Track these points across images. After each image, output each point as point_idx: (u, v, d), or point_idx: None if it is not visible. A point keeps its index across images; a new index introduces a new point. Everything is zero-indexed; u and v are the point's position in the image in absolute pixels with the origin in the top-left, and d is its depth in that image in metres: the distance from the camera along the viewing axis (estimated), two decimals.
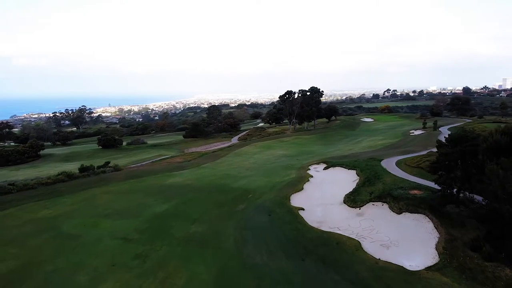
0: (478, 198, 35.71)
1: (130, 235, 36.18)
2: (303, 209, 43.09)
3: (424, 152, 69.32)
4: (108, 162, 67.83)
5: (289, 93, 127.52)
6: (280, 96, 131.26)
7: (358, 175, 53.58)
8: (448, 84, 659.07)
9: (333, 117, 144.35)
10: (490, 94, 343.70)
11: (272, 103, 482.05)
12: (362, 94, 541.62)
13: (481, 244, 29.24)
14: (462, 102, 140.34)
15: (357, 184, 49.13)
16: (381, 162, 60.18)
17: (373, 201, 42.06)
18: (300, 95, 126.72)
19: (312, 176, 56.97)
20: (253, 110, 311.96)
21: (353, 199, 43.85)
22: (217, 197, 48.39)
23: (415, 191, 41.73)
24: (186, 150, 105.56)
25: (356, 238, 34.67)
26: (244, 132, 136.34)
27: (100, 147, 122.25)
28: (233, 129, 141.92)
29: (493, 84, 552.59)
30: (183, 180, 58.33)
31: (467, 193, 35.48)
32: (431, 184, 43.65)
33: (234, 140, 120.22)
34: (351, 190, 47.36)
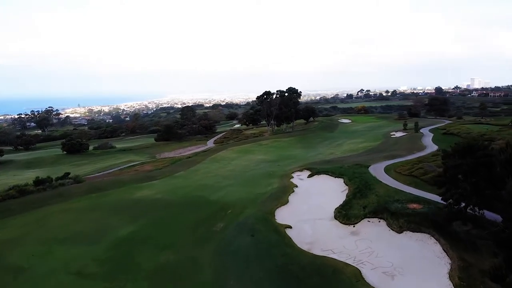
0: (489, 214, 31.88)
1: (87, 268, 30.13)
2: (290, 227, 38.18)
3: (411, 157, 66.17)
4: (68, 173, 60.63)
5: (267, 93, 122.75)
6: (257, 96, 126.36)
7: (346, 184, 49.21)
8: (418, 84, 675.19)
9: (311, 118, 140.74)
10: (461, 94, 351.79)
11: (248, 103, 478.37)
12: (336, 94, 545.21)
13: (504, 274, 25.08)
14: (440, 103, 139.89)
15: (347, 196, 44.66)
16: (369, 169, 56.22)
17: (369, 217, 37.59)
18: (278, 95, 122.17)
19: (296, 186, 52.14)
20: (229, 111, 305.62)
21: (345, 214, 39.25)
22: (192, 213, 42.73)
23: (414, 205, 37.57)
24: (158, 155, 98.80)
25: (354, 264, 30.01)
26: (220, 135, 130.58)
27: (65, 152, 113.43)
28: (209, 131, 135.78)
29: (462, 83, 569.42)
30: (153, 193, 52.20)
31: (477, 209, 31.47)
32: (430, 196, 39.88)
33: (210, 143, 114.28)
34: (341, 202, 42.83)
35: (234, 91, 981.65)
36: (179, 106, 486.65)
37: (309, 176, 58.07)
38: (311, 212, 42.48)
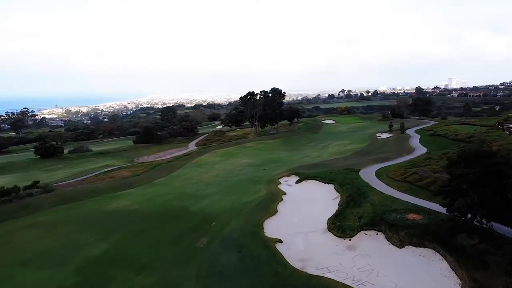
0: (498, 226, 29.44)
1: None
2: (280, 241, 34.98)
3: (401, 160, 64.11)
4: (37, 182, 55.68)
5: (251, 94, 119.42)
6: (241, 97, 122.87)
7: (338, 191, 46.37)
8: (397, 84, 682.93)
9: (295, 119, 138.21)
10: (441, 94, 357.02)
11: (230, 103, 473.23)
12: (318, 95, 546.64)
13: None
14: (424, 103, 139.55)
15: (340, 204, 41.76)
16: (360, 174, 53.66)
17: (365, 229, 34.71)
18: (262, 96, 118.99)
19: (285, 193, 48.95)
20: (211, 111, 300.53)
21: (339, 226, 36.27)
22: (172, 227, 38.95)
23: (413, 215, 34.91)
24: (136, 159, 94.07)
25: (354, 285, 27.07)
26: (203, 137, 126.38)
27: (38, 156, 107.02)
28: (190, 133, 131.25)
29: (440, 84, 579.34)
30: (129, 203, 48.06)
31: (484, 221, 28.94)
32: (428, 205, 37.36)
33: (192, 145, 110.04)
34: (334, 212, 39.90)
35: (216, 91, 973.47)
36: (160, 106, 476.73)
37: (298, 181, 55.05)
38: (302, 223, 39.37)
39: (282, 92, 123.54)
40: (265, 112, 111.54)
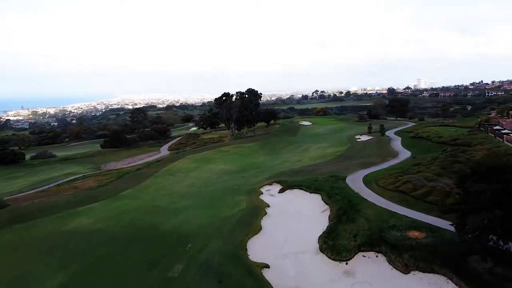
0: None
1: None
2: (267, 266, 30.50)
3: (386, 165, 61.17)
4: None
5: (226, 95, 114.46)
6: (216, 98, 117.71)
7: (326, 203, 42.42)
8: (368, 85, 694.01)
9: (272, 121, 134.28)
10: (413, 94, 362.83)
11: (204, 103, 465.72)
12: (292, 95, 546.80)
13: None
14: (401, 104, 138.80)
15: (330, 219, 37.74)
16: (347, 181, 50.10)
17: (363, 250, 30.71)
18: (238, 98, 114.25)
19: (268, 206, 44.47)
20: (184, 112, 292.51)
21: (333, 246, 32.11)
22: (141, 251, 33.67)
23: (415, 233, 31.26)
24: (104, 166, 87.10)
25: None
26: (176, 140, 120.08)
27: None
28: (162, 136, 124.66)
29: (409, 84, 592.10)
30: (92, 221, 42.23)
31: (501, 242, 25.48)
32: (428, 219, 33.94)
33: (164, 150, 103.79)
34: (324, 228, 35.78)
35: (189, 91, 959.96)
36: (130, 107, 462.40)
37: (281, 191, 50.75)
38: (290, 242, 34.99)
39: (259, 93, 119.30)
40: (241, 114, 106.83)
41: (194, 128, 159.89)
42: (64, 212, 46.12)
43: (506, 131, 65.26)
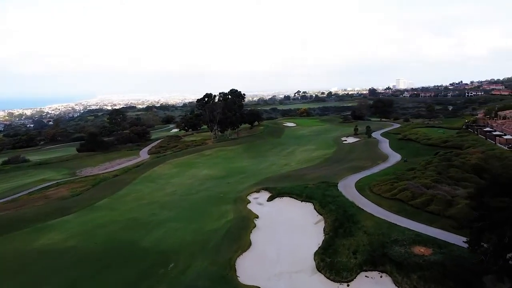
0: None
1: None
2: None
3: (377, 169, 58.91)
4: None
5: (208, 96, 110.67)
6: (198, 99, 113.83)
7: (319, 213, 39.52)
8: (348, 85, 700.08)
9: (256, 123, 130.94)
10: (394, 94, 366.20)
11: (185, 104, 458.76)
12: (274, 95, 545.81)
13: None
14: (385, 105, 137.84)
15: (326, 232, 34.76)
16: (339, 188, 47.35)
17: (366, 270, 27.76)
18: (221, 99, 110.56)
19: (257, 217, 41.14)
20: (164, 113, 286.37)
21: (331, 265, 29.04)
22: (118, 273, 29.87)
23: (421, 249, 28.58)
24: (79, 172, 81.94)
25: None
26: (156, 143, 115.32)
27: None
28: (142, 139, 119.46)
29: (388, 84, 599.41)
30: (64, 237, 38.06)
31: None
32: (433, 232, 31.37)
33: (143, 153, 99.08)
34: (320, 243, 32.78)
35: (170, 92, 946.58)
36: (109, 108, 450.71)
37: (269, 199, 47.56)
38: (283, 259, 31.74)
39: (242, 94, 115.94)
40: (225, 115, 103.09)
41: (175, 130, 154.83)
42: (33, 226, 41.69)
43: (497, 133, 63.99)
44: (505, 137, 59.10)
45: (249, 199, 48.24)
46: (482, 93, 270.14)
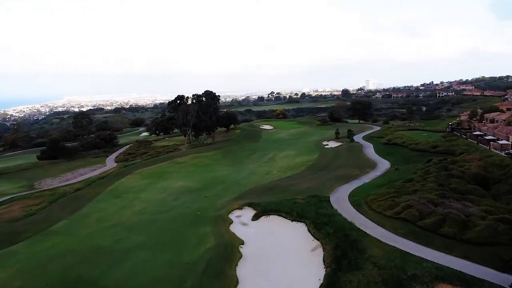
0: None
1: None
2: None
3: (367, 178, 54.66)
4: None
5: (181, 98, 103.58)
6: (169, 102, 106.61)
7: (315, 237, 34.15)
8: (319, 86, 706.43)
9: (232, 126, 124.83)
10: (366, 95, 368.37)
11: (155, 105, 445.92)
12: (247, 96, 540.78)
13: None
14: (364, 107, 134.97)
15: (326, 263, 29.35)
16: (332, 203, 42.32)
17: None
18: (194, 101, 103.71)
19: (242, 243, 35.21)
20: (134, 115, 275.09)
21: None
22: None
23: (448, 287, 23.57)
24: (38, 184, 73.20)
25: None
26: (124, 148, 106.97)
27: None
28: (108, 145, 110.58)
29: (358, 85, 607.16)
30: (9, 274, 30.95)
31: None
32: (455, 263, 26.68)
33: (110, 161, 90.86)
34: (321, 278, 27.41)
35: (139, 92, 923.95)
36: (76, 110, 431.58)
37: (255, 218, 41.79)
38: None
39: (217, 95, 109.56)
40: (200, 119, 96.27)
41: (145, 134, 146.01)
42: None
43: (490, 137, 60.90)
44: (500, 142, 55.94)
45: (231, 218, 42.29)
46: (453, 93, 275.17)
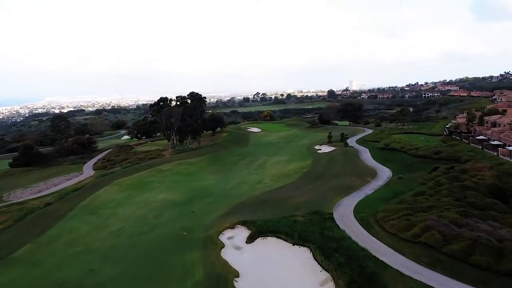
0: None
1: None
2: None
3: (369, 189, 50.13)
4: None
5: (164, 100, 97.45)
6: (151, 105, 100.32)
7: (323, 266, 29.22)
8: (303, 87, 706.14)
9: (219, 129, 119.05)
10: (352, 96, 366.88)
11: (138, 106, 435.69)
12: (232, 97, 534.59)
13: None
14: (354, 109, 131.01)
15: None
16: (337, 221, 37.44)
17: None
18: (179, 103, 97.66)
19: (237, 275, 29.87)
20: (115, 117, 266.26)
21: None
22: None
23: None
24: (7, 196, 66.10)
25: None
26: (103, 154, 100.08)
27: None
28: (87, 150, 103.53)
29: (341, 86, 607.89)
30: None
31: None
32: None
33: (88, 169, 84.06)
34: None
35: (122, 93, 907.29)
36: (57, 111, 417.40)
37: (249, 240, 36.47)
38: None
39: (203, 97, 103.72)
40: (185, 123, 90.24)
41: (127, 137, 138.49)
42: None
43: (496, 142, 57.10)
44: (509, 148, 52.09)
45: (222, 240, 36.91)
46: (439, 94, 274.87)
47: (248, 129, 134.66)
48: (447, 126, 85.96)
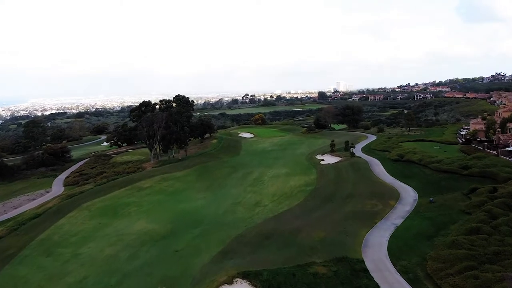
0: None
1: None
2: None
3: (397, 218, 41.16)
4: None
5: (146, 105, 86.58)
6: (132, 109, 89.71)
7: None
8: (291, 88, 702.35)
9: (207, 134, 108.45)
10: (342, 97, 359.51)
11: (123, 108, 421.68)
12: (220, 99, 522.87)
13: None
14: (354, 113, 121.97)
15: None
16: (375, 277, 27.81)
17: None
18: (163, 107, 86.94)
19: None
20: (98, 120, 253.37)
21: None
22: None
23: None
24: None
25: None
26: (78, 165, 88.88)
27: None
28: (60, 161, 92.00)
29: (329, 87, 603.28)
30: None
31: None
32: None
33: (58, 184, 72.81)
34: None
35: (107, 94, 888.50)
36: (40, 113, 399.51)
37: None
38: None
39: (191, 101, 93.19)
40: (169, 130, 79.48)
41: (106, 144, 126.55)
42: None
43: None
44: None
45: None
46: (431, 95, 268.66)
47: (239, 134, 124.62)
48: (461, 132, 77.47)
